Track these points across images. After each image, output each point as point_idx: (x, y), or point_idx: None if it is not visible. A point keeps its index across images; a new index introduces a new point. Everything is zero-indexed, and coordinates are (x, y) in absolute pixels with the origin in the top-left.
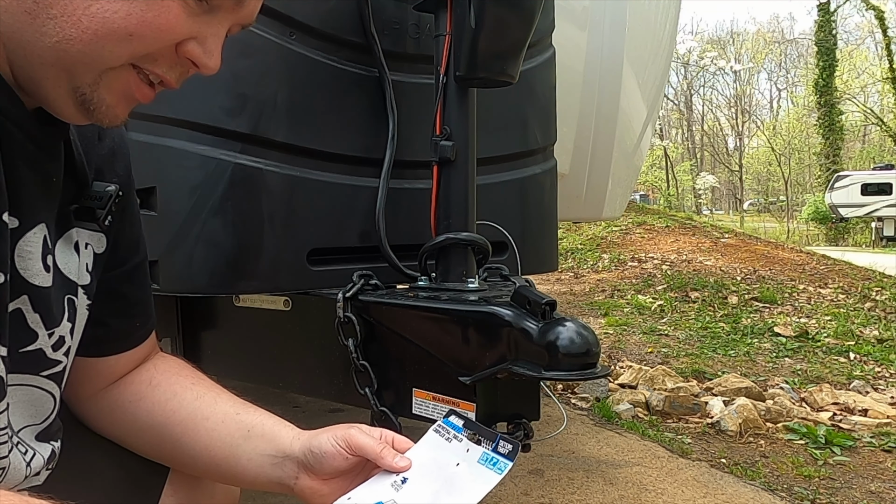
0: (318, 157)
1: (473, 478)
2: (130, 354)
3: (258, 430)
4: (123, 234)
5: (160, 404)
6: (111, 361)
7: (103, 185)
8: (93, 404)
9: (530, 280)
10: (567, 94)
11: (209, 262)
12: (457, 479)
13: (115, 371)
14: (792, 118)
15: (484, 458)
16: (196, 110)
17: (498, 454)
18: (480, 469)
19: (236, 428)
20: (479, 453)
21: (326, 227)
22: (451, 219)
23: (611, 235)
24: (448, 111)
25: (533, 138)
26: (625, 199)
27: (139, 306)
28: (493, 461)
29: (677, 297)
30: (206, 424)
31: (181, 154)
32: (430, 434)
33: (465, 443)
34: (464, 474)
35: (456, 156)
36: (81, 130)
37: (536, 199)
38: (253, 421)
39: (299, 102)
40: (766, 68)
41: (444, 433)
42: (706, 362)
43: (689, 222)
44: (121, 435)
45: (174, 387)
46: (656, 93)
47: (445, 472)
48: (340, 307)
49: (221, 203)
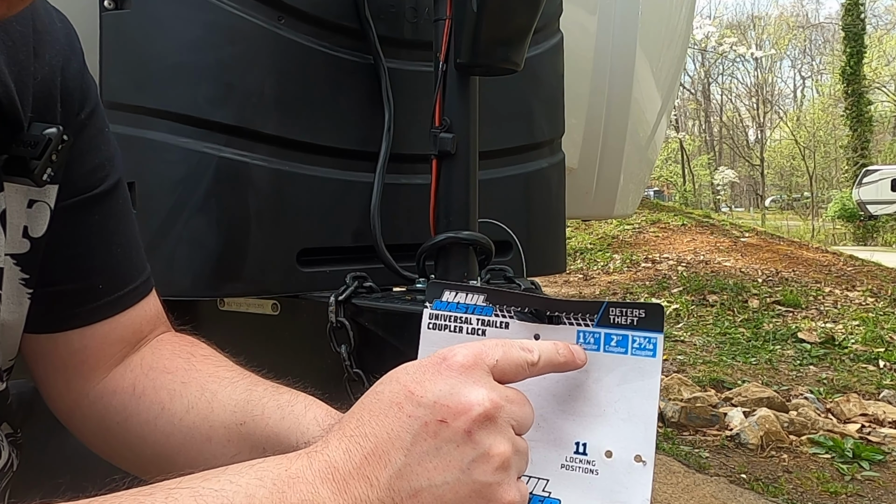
0: (308, 151)
1: (609, 378)
2: (100, 331)
3: (273, 444)
4: (82, 164)
5: (149, 424)
6: (70, 341)
7: (42, 127)
8: (80, 421)
9: (536, 282)
10: (576, 83)
11: (192, 264)
12: (577, 388)
13: (82, 357)
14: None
15: (603, 339)
16: (178, 100)
17: (618, 329)
18: (609, 360)
19: (246, 445)
20: (586, 336)
21: (318, 226)
22: (451, 216)
23: (623, 234)
24: (448, 101)
25: (539, 130)
26: (638, 196)
27: (97, 261)
28: (622, 342)
29: (694, 300)
30: (209, 449)
31: (162, 147)
32: (434, 335)
33: (518, 326)
34: (578, 379)
35: (456, 149)
36: (11, 54)
37: (543, 195)
38: (262, 432)
39: (289, 92)
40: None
41: (458, 323)
42: (725, 370)
43: (707, 220)
44: (121, 462)
45: (161, 395)
46: (672, 81)
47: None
48: (333, 311)
49: (205, 200)
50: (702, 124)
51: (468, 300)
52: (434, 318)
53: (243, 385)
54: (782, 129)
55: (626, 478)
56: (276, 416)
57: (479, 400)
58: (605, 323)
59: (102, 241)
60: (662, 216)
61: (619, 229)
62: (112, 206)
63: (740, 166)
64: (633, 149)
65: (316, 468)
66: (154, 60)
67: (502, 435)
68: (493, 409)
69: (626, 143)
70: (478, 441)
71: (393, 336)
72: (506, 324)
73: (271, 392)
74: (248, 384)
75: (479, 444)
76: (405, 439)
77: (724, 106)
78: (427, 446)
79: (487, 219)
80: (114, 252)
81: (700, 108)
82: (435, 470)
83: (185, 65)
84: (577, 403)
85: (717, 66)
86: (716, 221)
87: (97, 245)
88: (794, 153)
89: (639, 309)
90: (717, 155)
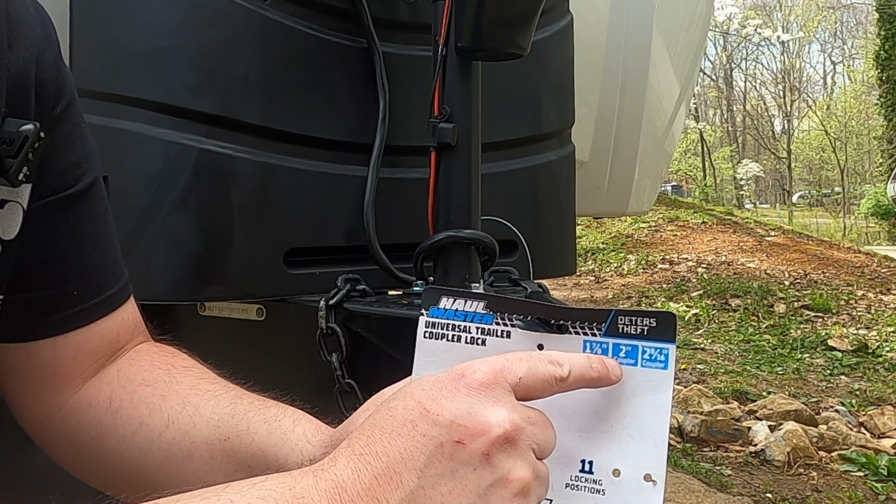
0: (297, 142)
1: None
2: (74, 341)
3: (259, 462)
4: (56, 162)
5: (126, 440)
6: (42, 351)
7: (18, 123)
8: (52, 437)
9: (544, 285)
10: (587, 69)
11: (170, 265)
12: (578, 403)
13: (55, 368)
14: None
15: (611, 350)
16: (155, 87)
17: (627, 339)
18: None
19: (230, 463)
20: (593, 346)
21: (307, 224)
22: (451, 214)
23: (638, 233)
24: (448, 88)
25: (547, 120)
26: (654, 191)
27: (72, 266)
28: (632, 353)
29: (715, 304)
30: (191, 467)
31: (137, 138)
32: (430, 344)
33: (521, 336)
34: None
35: (457, 140)
36: None
37: (551, 190)
38: (247, 448)
39: (275, 78)
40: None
41: (456, 332)
42: (749, 381)
43: (729, 218)
44: (96, 481)
45: (139, 409)
46: (691, 67)
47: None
48: (323, 316)
49: (184, 195)
50: (724, 114)
51: (467, 307)
52: (430, 327)
53: (227, 398)
54: (811, 119)
55: (635, 498)
56: (263, 432)
57: (498, 421)
58: (614, 332)
59: (78, 245)
60: (681, 213)
61: (634, 228)
62: (88, 207)
63: (765, 159)
64: (648, 140)
65: (322, 488)
66: (128, 44)
67: (522, 459)
68: (514, 432)
69: (642, 133)
70: (496, 465)
71: (388, 343)
72: (507, 333)
73: (257, 406)
74: (232, 397)
75: (497, 467)
76: (419, 460)
77: (748, 94)
78: (442, 468)
79: (491, 216)
80: (90, 256)
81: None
82: (450, 494)
83: (162, 49)
84: (583, 418)
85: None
86: (739, 219)
87: (72, 248)
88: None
89: (650, 317)
90: (740, 147)
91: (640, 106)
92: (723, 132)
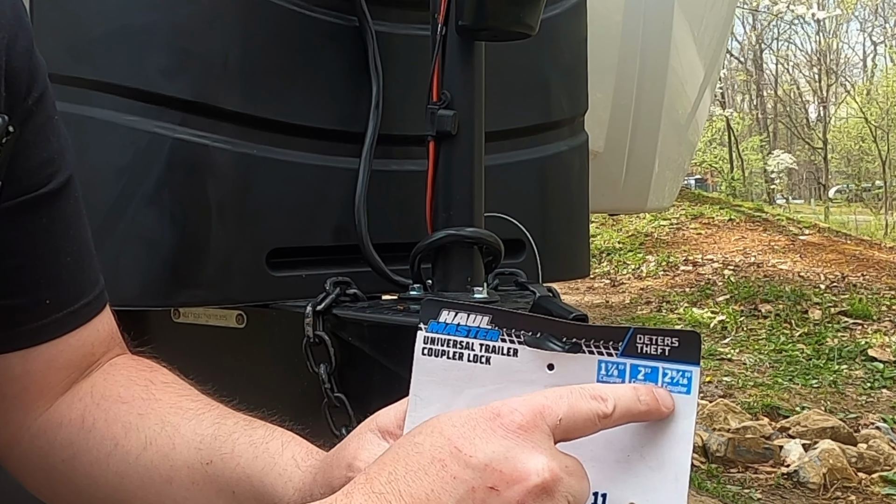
0: (281, 131)
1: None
2: (45, 354)
3: (244, 488)
4: (27, 159)
5: (100, 463)
6: (11, 365)
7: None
8: (19, 459)
9: (554, 289)
10: (602, 50)
11: (140, 267)
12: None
13: (24, 384)
14: (891, 80)
15: (628, 372)
16: (124, 70)
17: (646, 360)
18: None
19: (212, 489)
20: (609, 367)
21: (292, 222)
22: (451, 210)
23: (658, 231)
24: (448, 72)
25: (557, 107)
26: (676, 185)
27: (44, 272)
28: (651, 375)
29: (743, 310)
30: (170, 492)
31: (104, 127)
32: (429, 362)
33: (529, 354)
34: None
35: (458, 129)
36: None
37: (562, 184)
38: (232, 473)
39: (257, 60)
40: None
41: (457, 349)
42: (781, 395)
43: (759, 214)
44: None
45: (114, 428)
46: (716, 48)
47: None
48: (309, 324)
49: (156, 190)
50: (753, 99)
51: (470, 322)
52: (429, 343)
53: (210, 418)
54: (849, 106)
55: None
56: (249, 455)
57: (537, 469)
58: (632, 352)
59: (50, 249)
60: (705, 210)
61: (654, 225)
62: (62, 208)
63: (799, 150)
64: (670, 129)
65: None
66: (94, 22)
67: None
68: (552, 482)
69: (662, 122)
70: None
71: (382, 354)
72: (514, 351)
73: (243, 426)
74: (215, 417)
75: None
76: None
77: (780, 77)
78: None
79: (495, 213)
80: (63, 261)
81: (751, 79)
82: None
83: (131, 27)
84: (596, 447)
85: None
86: (769, 216)
87: (44, 253)
88: (864, 134)
89: (671, 337)
90: (771, 136)
91: (660, 91)
92: (752, 120)
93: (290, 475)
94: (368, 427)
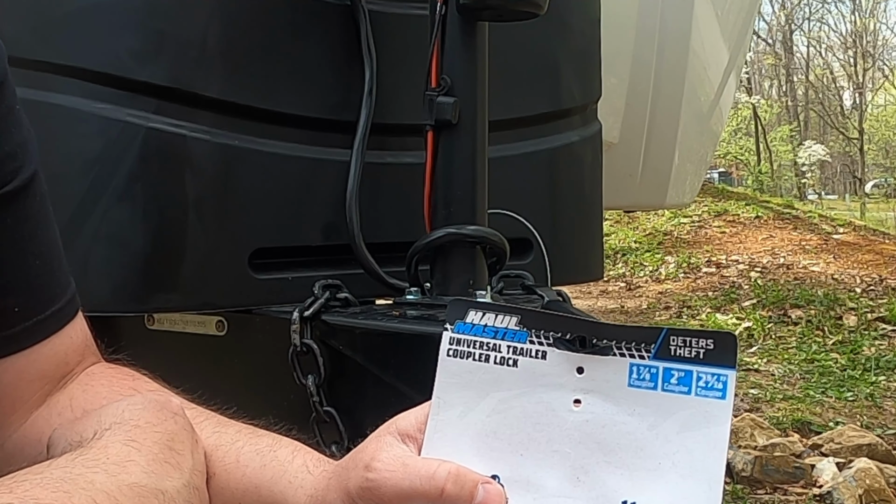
0: (265, 120)
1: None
2: (15, 366)
3: (252, 501)
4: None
5: None
6: None
7: None
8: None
9: (564, 293)
10: (617, 31)
11: (112, 269)
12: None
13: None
14: None
15: (661, 375)
16: (94, 54)
17: (680, 363)
18: (668, 402)
19: (216, 502)
20: (640, 371)
21: (277, 219)
22: (452, 206)
23: (678, 230)
24: (448, 55)
25: (568, 93)
26: (697, 180)
27: (11, 277)
28: (685, 379)
29: (772, 316)
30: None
31: (72, 115)
32: (454, 364)
33: (558, 357)
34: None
35: (459, 117)
36: None
37: (573, 178)
38: (237, 484)
39: (239, 42)
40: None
41: (484, 350)
42: (812, 409)
43: (789, 211)
44: None
45: None
46: (742, 29)
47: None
48: (296, 331)
49: (129, 184)
50: (782, 85)
51: (497, 322)
52: (455, 344)
53: (209, 427)
54: (888, 92)
55: None
56: (256, 465)
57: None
58: (665, 355)
59: (17, 252)
60: (730, 206)
61: (674, 223)
62: (27, 207)
63: (833, 140)
64: (691, 117)
65: None
66: (60, 0)
67: None
68: None
69: (682, 109)
70: None
71: (376, 364)
72: (543, 353)
73: (246, 436)
74: (214, 426)
75: None
76: None
77: (812, 61)
78: None
79: (500, 209)
80: (31, 264)
81: (780, 63)
82: None
83: (101, 6)
84: (626, 454)
85: (802, 8)
86: (800, 213)
87: (10, 256)
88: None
89: (706, 338)
90: (801, 125)
91: (680, 76)
92: (781, 108)
93: (302, 481)
94: (388, 430)
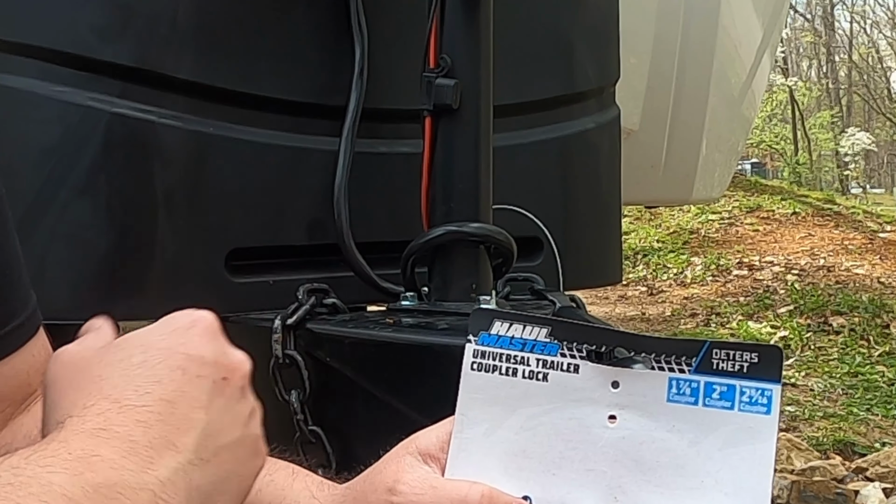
0: (243, 105)
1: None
2: None
3: None
4: None
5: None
6: None
7: None
8: None
9: (578, 299)
10: (637, 5)
11: (70, 271)
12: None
13: None
14: None
15: (702, 390)
16: (51, 30)
17: (722, 377)
18: (710, 418)
19: None
20: (680, 385)
21: (257, 216)
22: (452, 201)
23: (706, 228)
24: (448, 32)
25: (582, 75)
26: (727, 172)
27: None
28: (727, 394)
29: (811, 324)
30: None
31: (26, 99)
32: (478, 378)
33: (591, 371)
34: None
35: (460, 102)
36: None
37: (588, 170)
38: None
39: (214, 19)
40: None
41: (511, 364)
42: (856, 428)
43: (830, 207)
44: None
45: None
46: (777, 3)
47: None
48: (278, 341)
49: (90, 176)
50: (822, 66)
51: (526, 334)
52: (479, 357)
53: None
54: None
55: None
56: (252, 488)
57: (243, 358)
58: (707, 369)
59: None
60: (764, 201)
61: (700, 220)
62: None
63: (878, 127)
64: (720, 102)
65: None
66: None
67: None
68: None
69: (710, 93)
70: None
71: (367, 377)
72: (575, 367)
73: None
74: None
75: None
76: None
77: (855, 39)
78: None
79: (506, 205)
80: None
81: (819, 42)
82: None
83: None
84: (666, 472)
85: None
86: (843, 209)
87: None
88: None
89: (750, 352)
90: (844, 111)
91: (708, 55)
92: (821, 91)
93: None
94: (407, 450)
